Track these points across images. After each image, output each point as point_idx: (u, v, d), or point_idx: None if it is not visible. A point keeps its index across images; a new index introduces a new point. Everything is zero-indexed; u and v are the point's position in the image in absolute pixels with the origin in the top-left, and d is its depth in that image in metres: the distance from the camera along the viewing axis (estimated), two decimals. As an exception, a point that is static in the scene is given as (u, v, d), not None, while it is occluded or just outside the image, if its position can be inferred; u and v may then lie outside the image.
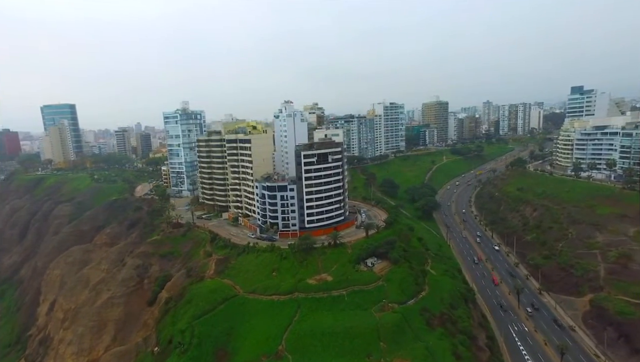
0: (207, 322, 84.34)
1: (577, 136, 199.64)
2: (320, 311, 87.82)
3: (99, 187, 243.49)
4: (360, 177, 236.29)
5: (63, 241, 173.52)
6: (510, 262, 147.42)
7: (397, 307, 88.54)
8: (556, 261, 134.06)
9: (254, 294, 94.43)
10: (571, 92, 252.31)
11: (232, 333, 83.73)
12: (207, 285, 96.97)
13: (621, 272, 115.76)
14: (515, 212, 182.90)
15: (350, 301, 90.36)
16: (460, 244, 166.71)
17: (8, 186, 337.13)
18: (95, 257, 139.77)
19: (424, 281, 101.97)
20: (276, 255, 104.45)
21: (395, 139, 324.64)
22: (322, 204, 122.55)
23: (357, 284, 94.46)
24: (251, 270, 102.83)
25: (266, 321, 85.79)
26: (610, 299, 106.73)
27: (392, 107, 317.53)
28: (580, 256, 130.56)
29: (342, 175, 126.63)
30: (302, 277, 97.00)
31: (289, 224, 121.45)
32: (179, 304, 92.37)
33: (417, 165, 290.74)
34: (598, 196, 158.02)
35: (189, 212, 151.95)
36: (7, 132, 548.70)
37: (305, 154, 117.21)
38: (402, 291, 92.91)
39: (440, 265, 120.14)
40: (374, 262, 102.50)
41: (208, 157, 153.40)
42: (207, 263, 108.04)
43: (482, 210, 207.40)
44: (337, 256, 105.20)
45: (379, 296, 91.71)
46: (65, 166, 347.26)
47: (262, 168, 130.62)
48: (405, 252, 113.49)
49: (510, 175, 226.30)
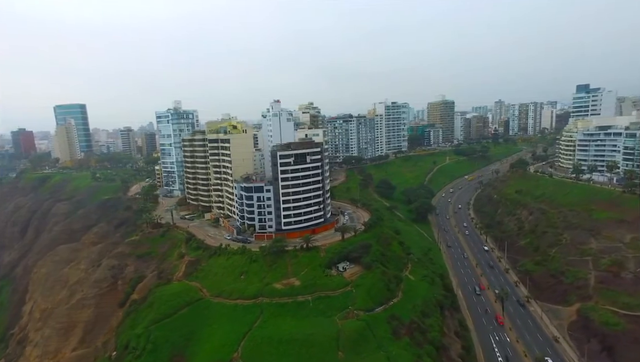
0: (166, 326, 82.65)
1: (579, 137, 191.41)
2: (283, 316, 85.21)
3: (98, 186, 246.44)
4: (356, 178, 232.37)
5: (54, 239, 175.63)
6: (501, 268, 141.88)
7: (363, 314, 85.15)
8: (547, 268, 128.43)
9: (219, 297, 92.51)
10: (576, 90, 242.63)
11: (192, 338, 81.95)
12: (172, 288, 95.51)
13: (612, 281, 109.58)
14: (512, 215, 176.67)
15: (315, 307, 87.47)
16: (452, 248, 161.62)
17: (16, 183, 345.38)
18: (80, 257, 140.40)
19: (398, 287, 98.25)
20: (246, 258, 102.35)
21: (397, 139, 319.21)
22: (300, 206, 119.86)
23: (324, 290, 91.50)
24: (220, 273, 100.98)
25: (227, 326, 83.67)
26: (597, 309, 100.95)
27: (393, 106, 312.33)
28: (571, 263, 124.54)
29: (321, 176, 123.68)
30: (269, 281, 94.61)
31: (266, 225, 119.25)
32: (141, 307, 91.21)
33: (418, 166, 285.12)
34: (596, 200, 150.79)
35: (173, 212, 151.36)
36: (23, 132, 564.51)
37: (281, 154, 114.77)
38: (370, 298, 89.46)
39: (421, 270, 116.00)
40: (345, 267, 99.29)
41: (192, 157, 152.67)
42: (178, 265, 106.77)
43: (479, 213, 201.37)
44: (309, 260, 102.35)
45: (345, 303, 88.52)
46: (72, 165, 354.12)
47: (241, 168, 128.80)
48: (382, 257, 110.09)
49: (511, 177, 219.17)
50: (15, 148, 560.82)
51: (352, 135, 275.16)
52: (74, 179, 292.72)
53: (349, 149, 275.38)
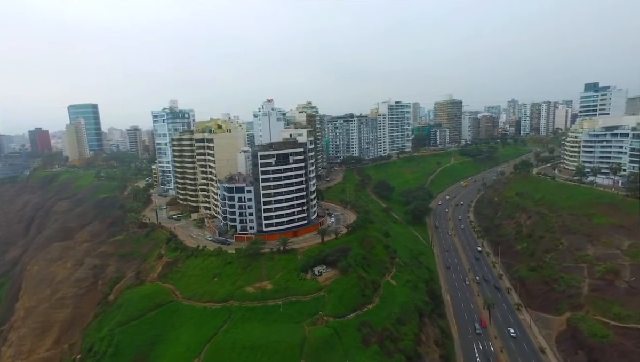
0: (132, 329, 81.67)
1: (584, 138, 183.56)
2: (250, 321, 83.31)
3: (100, 184, 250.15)
4: (354, 179, 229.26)
5: (50, 236, 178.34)
6: (495, 274, 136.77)
7: (332, 321, 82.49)
8: (541, 274, 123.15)
9: (190, 300, 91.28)
10: (584, 89, 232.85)
11: (158, 342, 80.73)
12: (143, 289, 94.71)
13: (605, 290, 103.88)
14: (511, 219, 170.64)
15: (285, 312, 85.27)
16: (447, 252, 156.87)
17: (27, 181, 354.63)
18: (70, 255, 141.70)
19: (375, 293, 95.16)
20: (221, 260, 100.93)
21: (400, 139, 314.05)
22: (282, 207, 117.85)
23: (296, 294, 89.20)
24: (195, 274, 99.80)
25: (193, 329, 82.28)
26: (587, 320, 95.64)
27: (397, 106, 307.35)
28: (566, 270, 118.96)
29: (305, 176, 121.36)
30: (241, 284, 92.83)
31: (247, 227, 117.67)
32: (110, 309, 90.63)
33: (421, 166, 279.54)
34: (598, 204, 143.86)
35: (163, 212, 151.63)
36: (39, 131, 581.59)
37: (262, 154, 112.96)
38: (341, 303, 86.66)
39: (404, 275, 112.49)
40: (321, 271, 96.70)
41: (180, 156, 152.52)
42: (155, 265, 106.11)
43: (479, 215, 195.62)
44: (285, 263, 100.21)
45: (316, 308, 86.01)
46: (79, 164, 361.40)
47: (226, 168, 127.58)
48: (364, 261, 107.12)
49: (513, 179, 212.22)
50: (32, 147, 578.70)
51: (353, 135, 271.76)
52: (80, 178, 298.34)
53: (349, 149, 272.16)
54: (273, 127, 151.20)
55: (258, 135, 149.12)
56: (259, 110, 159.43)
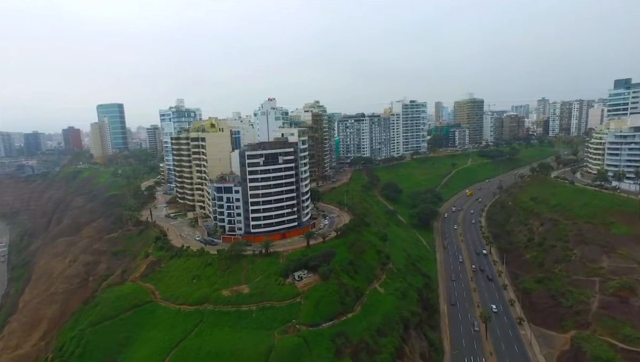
0: (103, 330, 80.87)
1: (609, 139, 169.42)
2: (221, 326, 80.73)
3: (114, 181, 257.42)
4: (362, 179, 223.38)
5: (62, 231, 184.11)
6: (499, 283, 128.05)
7: (305, 329, 78.52)
8: (548, 287, 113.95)
9: (167, 301, 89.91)
10: (614, 86, 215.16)
11: (128, 344, 79.50)
12: (122, 289, 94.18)
13: (617, 308, 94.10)
14: (523, 225, 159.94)
15: (258, 318, 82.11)
16: (450, 258, 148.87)
17: (54, 177, 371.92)
18: (71, 250, 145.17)
19: (357, 301, 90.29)
20: (202, 261, 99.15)
21: (415, 139, 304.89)
22: (271, 208, 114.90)
23: (271, 299, 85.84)
24: (176, 275, 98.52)
25: (164, 332, 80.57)
26: (593, 340, 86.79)
27: (412, 105, 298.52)
28: (576, 283, 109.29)
29: (295, 177, 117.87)
30: (218, 287, 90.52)
31: (235, 227, 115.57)
32: (87, 308, 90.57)
33: (435, 168, 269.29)
34: (619, 212, 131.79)
35: (163, 210, 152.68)
36: (72, 129, 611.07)
37: (249, 154, 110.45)
38: (317, 311, 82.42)
39: (395, 282, 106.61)
40: (302, 276, 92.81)
41: (179, 155, 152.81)
42: (140, 264, 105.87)
43: (491, 221, 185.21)
44: (266, 266, 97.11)
45: (290, 315, 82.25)
46: (102, 161, 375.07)
47: (218, 167, 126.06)
48: (350, 266, 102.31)
49: (530, 183, 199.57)
50: (66, 144, 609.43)
51: (364, 135, 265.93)
52: (100, 175, 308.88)
53: (360, 149, 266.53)
54: (271, 126, 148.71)
55: (256, 135, 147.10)
56: (259, 109, 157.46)
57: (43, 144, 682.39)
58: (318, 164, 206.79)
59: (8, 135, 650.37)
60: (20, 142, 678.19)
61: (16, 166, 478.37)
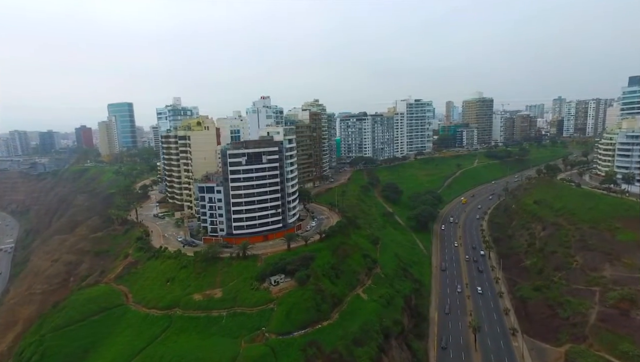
0: (67, 335, 77.90)
1: (620, 139, 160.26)
2: (188, 332, 77.35)
3: (116, 180, 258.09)
4: (362, 180, 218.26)
5: (59, 229, 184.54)
6: (495, 291, 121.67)
7: (274, 338, 74.49)
8: (545, 296, 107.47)
9: (139, 305, 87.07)
10: (629, 83, 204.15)
11: (91, 350, 76.32)
12: (93, 291, 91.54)
13: (616, 321, 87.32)
14: (525, 229, 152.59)
15: (227, 325, 78.45)
16: (446, 263, 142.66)
17: (62, 175, 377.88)
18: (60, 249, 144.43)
19: (334, 308, 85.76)
20: (178, 263, 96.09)
21: (420, 139, 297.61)
22: (254, 209, 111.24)
23: (243, 305, 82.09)
24: (152, 277, 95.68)
25: (130, 338, 77.61)
26: (588, 355, 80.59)
27: (417, 104, 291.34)
28: (575, 293, 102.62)
29: (280, 177, 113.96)
30: (191, 291, 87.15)
31: (217, 228, 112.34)
32: (54, 311, 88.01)
33: (439, 169, 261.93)
34: (626, 217, 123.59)
35: (154, 209, 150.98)
36: (84, 128, 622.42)
37: (230, 153, 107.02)
38: (288, 319, 78.18)
39: (381, 288, 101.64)
40: (278, 281, 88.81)
41: (168, 154, 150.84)
42: (118, 265, 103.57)
43: (492, 224, 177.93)
44: (243, 270, 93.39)
45: (261, 322, 78.30)
46: (108, 159, 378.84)
47: (203, 167, 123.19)
48: (332, 270, 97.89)
49: (535, 185, 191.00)
50: (78, 143, 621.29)
51: (366, 135, 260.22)
52: (105, 173, 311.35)
53: (362, 149, 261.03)
54: (262, 125, 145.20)
55: (247, 134, 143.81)
56: (251, 107, 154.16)
57: (57, 142, 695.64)
58: (316, 164, 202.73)
59: (25, 133, 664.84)
60: (36, 140, 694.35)
61: (29, 164, 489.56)
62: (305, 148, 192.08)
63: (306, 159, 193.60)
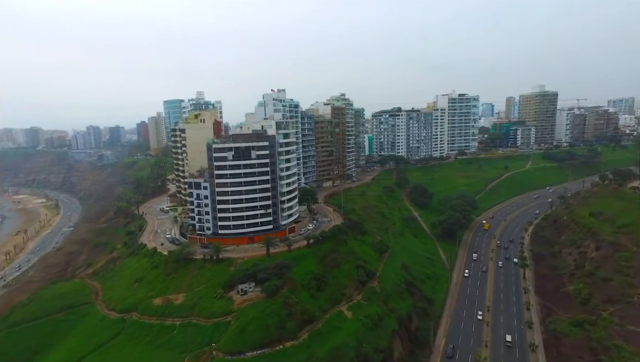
0: (21, 333, 74.79)
1: None
2: (136, 342, 70.52)
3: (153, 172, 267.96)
4: (389, 181, 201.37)
5: (89, 218, 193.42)
6: (523, 320, 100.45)
7: (222, 357, 64.71)
8: (587, 335, 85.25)
9: (102, 305, 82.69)
10: None
11: (42, 352, 72.15)
12: (64, 286, 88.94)
13: (679, 384, 64.32)
14: (574, 247, 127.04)
15: (177, 336, 70.33)
16: (470, 279, 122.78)
17: (117, 166, 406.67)
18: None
19: (302, 327, 73.69)
20: (149, 262, 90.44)
21: (464, 138, 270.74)
22: (241, 208, 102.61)
23: (200, 316, 73.50)
24: (126, 275, 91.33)
25: (79, 342, 72.62)
26: None
27: (460, 99, 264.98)
28: (629, 336, 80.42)
29: (272, 175, 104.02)
30: (154, 294, 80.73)
31: (204, 227, 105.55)
32: (23, 304, 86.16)
33: (482, 171, 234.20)
34: None
35: (165, 203, 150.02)
36: (143, 124, 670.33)
37: (216, 147, 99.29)
38: (242, 336, 67.87)
39: (371, 306, 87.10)
40: (246, 290, 78.93)
41: (175, 147, 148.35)
42: (101, 259, 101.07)
43: (537, 237, 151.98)
44: (213, 274, 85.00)
45: (214, 337, 69.05)
46: (155, 153, 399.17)
47: (198, 161, 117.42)
48: (315, 281, 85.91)
49: (597, 193, 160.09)
50: (138, 137, 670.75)
51: (400, 132, 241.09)
52: (150, 165, 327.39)
53: (395, 147, 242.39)
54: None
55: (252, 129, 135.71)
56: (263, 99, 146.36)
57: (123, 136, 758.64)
58: (338, 162, 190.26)
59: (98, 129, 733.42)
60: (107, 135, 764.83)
61: (97, 156, 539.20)
62: (326, 145, 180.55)
63: (326, 156, 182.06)
